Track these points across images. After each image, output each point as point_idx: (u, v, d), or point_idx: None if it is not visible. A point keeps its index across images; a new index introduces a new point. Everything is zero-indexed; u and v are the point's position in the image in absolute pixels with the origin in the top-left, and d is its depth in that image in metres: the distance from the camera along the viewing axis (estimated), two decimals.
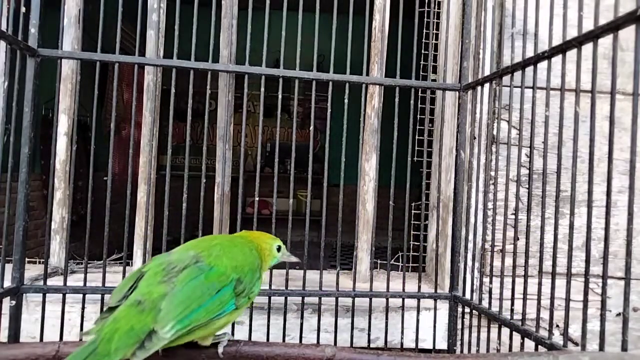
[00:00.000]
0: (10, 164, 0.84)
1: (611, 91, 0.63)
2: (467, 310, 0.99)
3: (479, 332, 0.94)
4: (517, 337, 0.81)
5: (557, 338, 0.73)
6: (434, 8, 1.27)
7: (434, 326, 1.05)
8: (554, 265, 0.73)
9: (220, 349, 0.62)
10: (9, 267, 0.86)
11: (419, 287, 1.04)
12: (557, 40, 0.74)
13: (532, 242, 0.83)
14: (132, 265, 1.25)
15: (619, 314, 1.12)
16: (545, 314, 0.89)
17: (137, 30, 1.01)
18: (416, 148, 1.20)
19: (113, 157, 0.95)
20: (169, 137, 0.93)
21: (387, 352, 0.63)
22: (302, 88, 1.01)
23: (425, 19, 1.29)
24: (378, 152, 1.21)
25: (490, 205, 0.98)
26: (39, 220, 3.30)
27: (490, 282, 1.10)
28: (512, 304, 0.83)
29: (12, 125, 0.86)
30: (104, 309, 0.67)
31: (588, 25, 0.66)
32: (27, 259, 0.96)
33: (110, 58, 0.93)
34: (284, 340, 0.97)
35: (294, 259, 0.80)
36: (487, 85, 1.03)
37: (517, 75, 0.86)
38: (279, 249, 0.75)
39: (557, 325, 1.10)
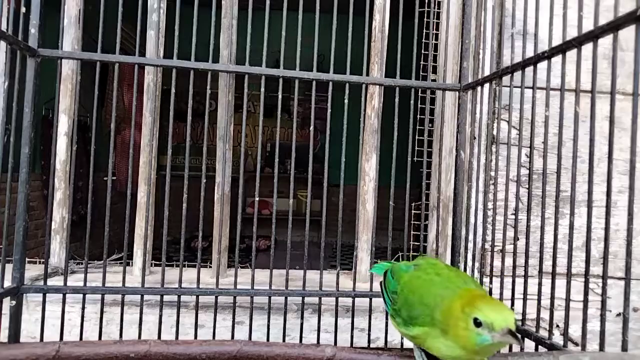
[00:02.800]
0: (10, 164, 0.84)
1: (611, 91, 0.63)
2: None
3: None
4: None
5: (557, 338, 0.73)
6: (434, 8, 1.27)
7: None
8: (554, 265, 0.73)
9: None
10: (9, 267, 0.86)
11: None
12: (557, 40, 0.74)
13: (532, 242, 0.82)
14: (132, 265, 1.25)
15: (619, 314, 1.12)
16: (545, 314, 0.89)
17: (137, 30, 1.01)
18: (416, 148, 1.20)
19: (115, 160, 0.95)
20: (169, 137, 0.93)
21: (387, 352, 0.63)
22: (302, 88, 1.01)
23: (425, 19, 1.29)
24: (378, 152, 1.21)
25: (490, 205, 0.98)
26: (39, 220, 3.30)
27: (491, 282, 1.10)
28: (512, 304, 0.83)
29: (12, 125, 0.86)
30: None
31: (588, 25, 0.66)
32: (27, 259, 0.96)
33: (110, 58, 0.93)
34: (284, 340, 0.97)
35: (508, 340, 0.51)
36: (487, 85, 1.03)
37: (517, 75, 0.86)
38: (479, 325, 0.51)
39: (557, 325, 1.10)
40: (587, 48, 0.68)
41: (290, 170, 1.03)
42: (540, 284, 0.76)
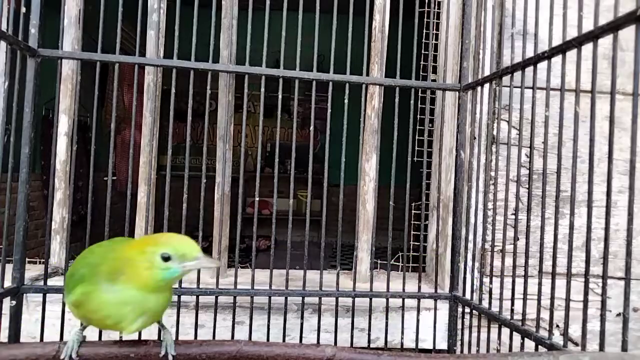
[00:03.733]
0: (10, 164, 0.84)
1: (611, 91, 0.63)
2: (467, 310, 0.99)
3: (479, 332, 0.94)
4: (517, 337, 0.81)
5: (557, 338, 0.73)
6: (434, 8, 1.27)
7: (434, 326, 1.05)
8: (554, 265, 0.73)
9: None
10: (9, 267, 0.86)
11: (419, 287, 1.04)
12: (557, 41, 0.74)
13: (532, 242, 0.83)
14: None
15: (619, 314, 1.12)
16: (545, 314, 0.89)
17: (137, 30, 1.01)
18: (416, 148, 1.20)
19: (115, 160, 0.95)
20: (169, 137, 0.93)
21: (388, 352, 0.63)
22: (302, 88, 1.01)
23: (425, 19, 1.29)
24: (378, 152, 1.21)
25: (490, 205, 0.98)
26: (39, 220, 3.30)
27: (490, 282, 1.10)
28: (512, 304, 0.83)
29: (12, 125, 0.86)
30: None
31: (588, 26, 0.66)
32: (27, 259, 0.96)
33: (110, 58, 0.93)
34: (284, 340, 0.97)
35: (205, 264, 0.55)
36: (487, 86, 1.03)
37: (517, 75, 0.86)
38: (167, 259, 0.53)
39: (557, 326, 1.10)
40: (587, 48, 0.68)
41: (290, 170, 1.03)
42: (540, 284, 0.76)
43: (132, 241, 0.59)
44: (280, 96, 0.97)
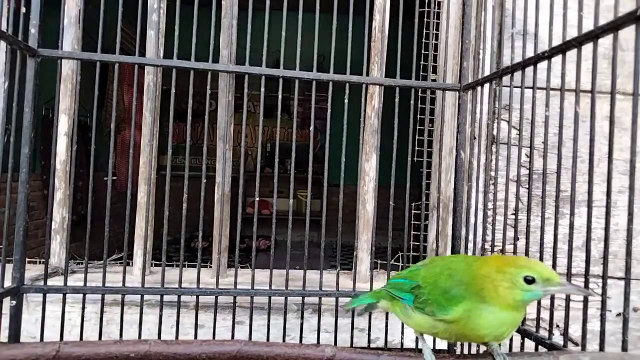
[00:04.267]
0: (10, 164, 0.84)
1: (611, 91, 0.63)
2: None
3: None
4: (517, 337, 0.81)
5: (557, 338, 0.73)
6: (434, 8, 1.27)
7: None
8: (554, 265, 0.73)
9: None
10: (9, 267, 0.86)
11: None
12: (557, 40, 0.74)
13: (532, 242, 0.82)
14: (132, 265, 1.25)
15: (619, 314, 1.12)
16: (545, 314, 0.89)
17: (137, 30, 1.01)
18: (416, 148, 1.20)
19: (115, 160, 0.95)
20: (169, 137, 0.93)
21: (388, 352, 0.63)
22: (302, 88, 1.01)
23: (425, 19, 1.29)
24: (378, 152, 1.21)
25: (490, 205, 0.98)
26: (39, 220, 3.30)
27: None
28: None
29: (12, 125, 0.86)
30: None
31: (588, 25, 0.66)
32: (27, 259, 0.96)
33: (110, 58, 0.93)
34: (284, 340, 0.97)
35: (571, 291, 0.57)
36: (487, 85, 1.03)
37: (517, 75, 0.86)
38: (530, 281, 0.56)
39: (557, 325, 1.10)
40: (587, 48, 0.68)
41: (290, 170, 1.03)
42: None
43: (487, 259, 0.62)
44: (280, 96, 0.97)
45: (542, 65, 0.78)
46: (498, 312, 0.57)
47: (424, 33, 1.29)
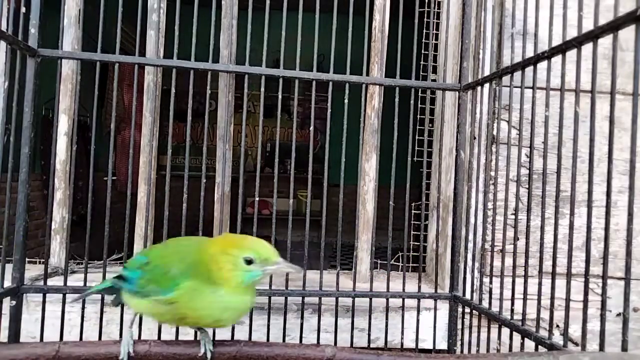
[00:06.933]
0: (10, 164, 0.84)
1: (611, 91, 0.63)
2: (467, 310, 0.99)
3: (479, 332, 0.94)
4: (517, 337, 0.81)
5: (557, 338, 0.73)
6: (434, 8, 1.27)
7: (434, 326, 1.05)
8: (554, 265, 0.73)
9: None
10: (9, 267, 0.86)
11: (419, 287, 1.04)
12: (557, 40, 0.74)
13: (532, 242, 0.83)
14: None
15: (619, 314, 1.12)
16: (545, 314, 0.89)
17: (137, 30, 1.01)
18: (416, 148, 1.20)
19: (115, 160, 0.95)
20: (169, 137, 0.93)
21: (388, 352, 0.63)
22: (302, 88, 1.01)
23: (425, 19, 1.29)
24: (378, 152, 1.21)
25: (490, 205, 0.98)
26: (39, 220, 3.30)
27: (491, 282, 1.10)
28: (512, 304, 0.83)
29: (12, 125, 0.86)
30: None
31: (588, 25, 0.66)
32: (27, 259, 0.96)
33: (110, 58, 0.93)
34: (284, 340, 0.97)
35: (285, 269, 0.59)
36: (487, 85, 1.03)
37: (517, 75, 0.86)
38: (249, 262, 0.57)
39: (557, 326, 1.10)
40: (587, 48, 0.68)
41: (290, 170, 1.03)
42: (540, 284, 0.76)
43: (214, 240, 0.61)
44: (280, 96, 0.97)
45: (542, 65, 0.78)
46: (225, 295, 0.57)
47: (424, 33, 1.29)
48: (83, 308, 0.92)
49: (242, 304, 0.59)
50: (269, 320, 0.97)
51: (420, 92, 1.29)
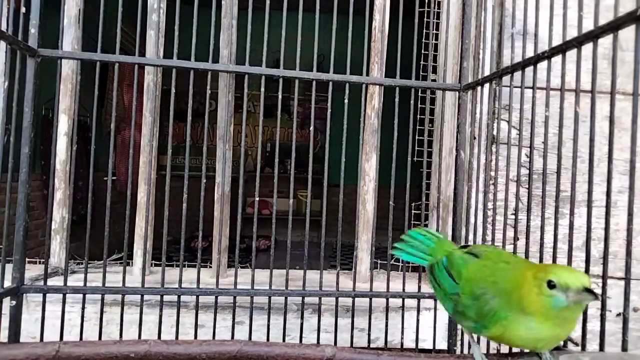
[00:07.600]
0: (10, 164, 0.84)
1: (611, 91, 0.63)
2: None
3: None
4: None
5: None
6: (434, 8, 1.27)
7: (434, 326, 1.05)
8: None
9: None
10: (9, 267, 0.86)
11: (419, 287, 1.04)
12: (557, 40, 0.74)
13: (532, 242, 0.82)
14: (132, 265, 1.25)
15: (619, 314, 1.12)
16: None
17: (137, 30, 1.01)
18: (416, 148, 1.20)
19: (115, 160, 0.95)
20: (169, 137, 0.93)
21: (388, 352, 0.63)
22: (302, 88, 1.01)
23: (425, 19, 1.29)
24: (378, 152, 1.21)
25: (490, 205, 0.98)
26: (39, 220, 3.30)
27: None
28: None
29: (12, 125, 0.86)
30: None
31: (588, 25, 0.66)
32: (27, 259, 0.96)
33: (110, 58, 0.93)
34: (284, 340, 0.97)
35: (584, 298, 0.53)
36: (487, 85, 1.03)
37: (517, 75, 0.86)
38: (552, 286, 0.53)
39: None
40: (587, 48, 0.68)
41: (290, 170, 1.03)
42: None
43: (531, 266, 0.60)
44: (280, 96, 0.97)
45: (542, 65, 0.78)
46: (535, 327, 0.55)
47: (424, 33, 1.29)
48: (83, 308, 0.92)
49: (553, 337, 0.57)
50: (269, 320, 0.97)
51: (420, 92, 1.28)
